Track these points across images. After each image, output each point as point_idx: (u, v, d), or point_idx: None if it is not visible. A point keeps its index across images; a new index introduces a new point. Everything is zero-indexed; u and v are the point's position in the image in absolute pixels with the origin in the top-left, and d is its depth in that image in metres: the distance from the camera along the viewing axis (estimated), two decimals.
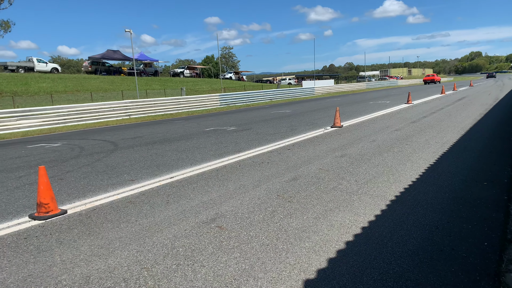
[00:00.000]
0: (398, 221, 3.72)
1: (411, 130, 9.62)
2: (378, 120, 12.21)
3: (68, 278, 2.92)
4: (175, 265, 3.03)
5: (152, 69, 52.22)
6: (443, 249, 3.10)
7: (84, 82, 37.39)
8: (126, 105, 20.22)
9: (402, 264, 2.88)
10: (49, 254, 3.37)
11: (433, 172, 5.45)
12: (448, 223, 3.62)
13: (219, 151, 8.10)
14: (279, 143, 8.63)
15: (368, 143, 8.02)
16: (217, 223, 3.91)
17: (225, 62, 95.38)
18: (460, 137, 8.24)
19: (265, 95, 30.75)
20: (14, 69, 39.73)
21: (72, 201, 4.97)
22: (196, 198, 4.78)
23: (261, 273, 2.84)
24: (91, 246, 3.50)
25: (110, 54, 47.11)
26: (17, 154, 9.33)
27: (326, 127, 11.08)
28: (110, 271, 2.99)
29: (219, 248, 3.31)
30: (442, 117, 12.15)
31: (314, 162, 6.47)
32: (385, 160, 6.37)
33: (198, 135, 10.99)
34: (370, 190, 4.77)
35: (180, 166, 6.74)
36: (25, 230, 3.99)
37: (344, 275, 2.75)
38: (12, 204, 4.96)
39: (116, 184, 5.68)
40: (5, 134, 14.60)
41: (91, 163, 7.54)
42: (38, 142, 11.74)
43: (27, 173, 6.88)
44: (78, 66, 78.68)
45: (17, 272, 3.06)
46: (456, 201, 4.23)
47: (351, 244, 3.25)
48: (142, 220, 4.09)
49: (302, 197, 4.61)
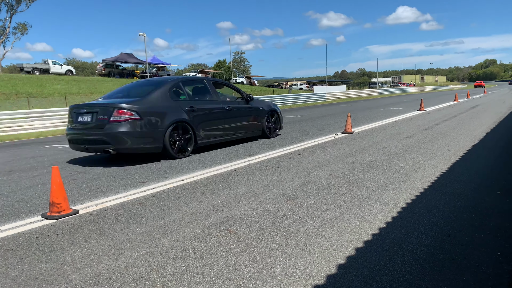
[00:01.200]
0: (409, 228, 3.68)
1: (423, 137, 9.53)
2: (390, 127, 12.13)
3: (78, 277, 2.95)
4: (184, 267, 3.04)
5: (165, 72, 52.70)
6: (455, 257, 3.06)
7: (97, 85, 37.88)
8: None
9: (413, 272, 2.85)
10: (61, 253, 3.41)
11: (445, 180, 5.39)
12: (460, 232, 3.57)
13: (230, 154, 8.12)
14: (290, 148, 8.62)
15: (379, 150, 7.97)
16: (226, 226, 3.92)
17: (237, 67, 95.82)
18: (473, 145, 8.14)
19: (276, 100, 30.78)
20: (30, 71, 40.47)
21: (84, 201, 5.02)
22: (206, 201, 4.80)
23: (270, 278, 2.84)
24: (101, 246, 3.54)
25: (124, 57, 47.74)
26: (31, 154, 9.47)
27: (337, 132, 11.04)
28: (120, 272, 3.01)
29: (228, 251, 3.31)
30: (455, 124, 12.02)
31: (324, 168, 6.44)
32: (397, 167, 6.32)
33: None
34: (381, 196, 4.74)
35: (191, 168, 6.77)
36: (37, 229, 4.05)
37: (354, 282, 2.73)
38: (25, 203, 5.03)
39: (127, 185, 5.74)
40: (20, 135, 14.85)
41: (103, 164, 7.61)
42: (52, 143, 11.91)
43: (40, 173, 6.98)
44: (92, 68, 79.83)
45: (29, 270, 3.10)
46: (469, 209, 4.18)
47: (361, 251, 3.23)
48: (152, 222, 4.12)
49: (312, 202, 4.59)
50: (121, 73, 47.44)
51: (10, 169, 7.56)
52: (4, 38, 49.60)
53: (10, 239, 3.79)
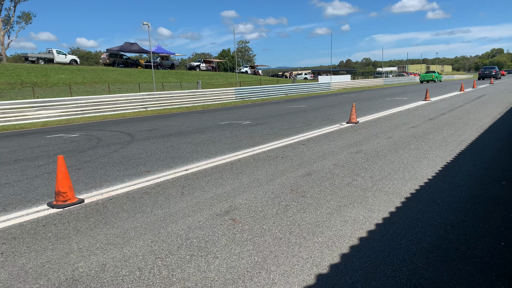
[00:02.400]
0: (413, 218, 3.69)
1: (428, 127, 9.48)
2: (395, 117, 12.07)
3: (84, 265, 2.99)
4: (189, 256, 3.07)
5: (169, 62, 52.61)
6: (459, 248, 3.06)
7: (102, 74, 37.88)
8: (142, 97, 20.43)
9: (416, 261, 2.86)
10: (67, 242, 3.45)
11: (450, 170, 5.37)
12: (464, 222, 3.57)
13: (234, 144, 8.13)
14: (294, 138, 8.61)
15: (384, 140, 7.94)
16: (230, 215, 3.94)
17: (241, 56, 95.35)
18: (478, 135, 8.09)
19: (281, 90, 30.66)
20: (35, 60, 40.49)
21: (89, 190, 5.06)
22: (210, 191, 4.82)
23: (273, 266, 2.86)
24: (107, 235, 3.57)
25: (128, 47, 47.61)
26: (37, 144, 9.53)
27: (342, 122, 11.01)
28: (125, 260, 3.04)
29: (232, 240, 3.33)
30: (460, 114, 11.94)
31: (328, 158, 6.44)
32: (401, 157, 6.30)
33: (213, 129, 11.05)
34: (385, 187, 4.74)
35: (195, 158, 6.79)
36: (43, 218, 4.09)
37: (357, 271, 2.75)
38: (31, 192, 5.08)
39: (132, 175, 5.77)
40: (25, 124, 14.92)
41: (108, 154, 7.66)
42: (56, 132, 11.97)
43: (46, 162, 7.03)
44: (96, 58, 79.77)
45: (36, 258, 3.15)
46: (473, 200, 4.17)
47: (364, 240, 3.24)
48: (157, 211, 4.15)
49: (316, 192, 4.60)
50: (125, 62, 47.36)
51: (16, 158, 7.61)
52: (8, 28, 49.58)
53: (17, 228, 3.84)
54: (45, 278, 2.82)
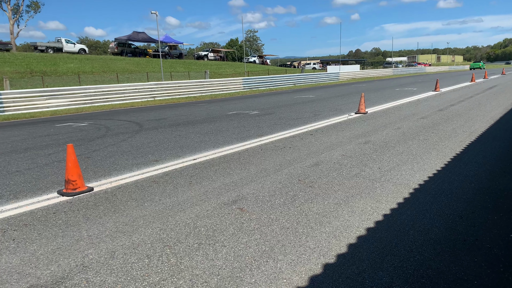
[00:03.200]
0: (421, 209, 3.67)
1: (438, 118, 9.39)
2: (404, 107, 11.96)
3: (94, 252, 3.03)
4: (197, 244, 3.10)
5: (177, 51, 52.50)
6: (467, 239, 3.05)
7: (110, 63, 37.97)
8: (151, 87, 20.47)
9: (424, 252, 2.85)
10: (77, 229, 3.50)
11: (459, 162, 5.33)
12: (472, 214, 3.55)
13: (242, 134, 8.13)
14: (302, 128, 8.59)
15: (393, 131, 7.89)
16: (238, 205, 3.96)
17: (249, 46, 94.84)
18: (489, 126, 8.00)
19: (289, 80, 30.51)
20: (44, 50, 40.69)
21: (98, 179, 5.11)
22: (218, 180, 4.84)
23: (280, 255, 2.88)
24: (116, 222, 3.61)
25: (136, 36, 47.55)
26: (46, 133, 9.62)
27: (350, 113, 10.94)
28: (134, 248, 3.08)
29: (239, 229, 3.35)
30: (471, 105, 11.79)
31: (336, 148, 6.42)
32: (410, 148, 6.26)
33: (221, 118, 11.05)
34: (393, 177, 4.72)
35: (203, 148, 6.82)
36: (54, 205, 4.15)
37: (364, 261, 2.75)
38: (42, 180, 5.15)
39: (140, 164, 5.81)
40: (35, 113, 15.05)
41: (117, 142, 7.71)
42: (66, 121, 12.07)
43: (55, 151, 7.10)
44: (104, 47, 79.90)
45: (47, 245, 3.20)
46: (482, 191, 4.14)
47: (372, 231, 3.24)
48: (165, 200, 4.19)
49: (323, 183, 4.60)
50: (133, 51, 47.40)
51: (26, 146, 7.70)
52: (17, 17, 49.79)
53: (28, 215, 3.90)
54: (56, 264, 2.86)
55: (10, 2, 48.42)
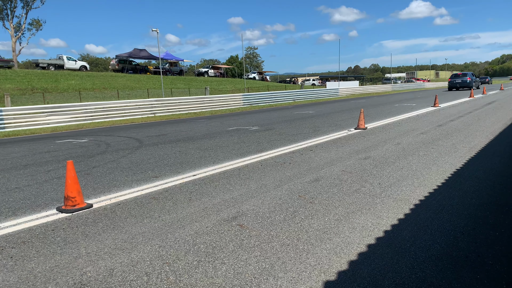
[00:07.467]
0: (421, 225, 3.65)
1: (437, 133, 9.41)
2: (404, 123, 12.00)
3: (92, 270, 3.00)
4: (196, 261, 3.07)
5: (177, 68, 52.91)
6: (468, 255, 3.02)
7: (111, 80, 38.21)
8: (151, 103, 20.57)
9: (425, 269, 2.82)
10: (75, 246, 3.47)
11: (459, 177, 5.32)
12: (474, 230, 3.53)
13: (241, 150, 8.14)
14: (302, 144, 8.60)
15: (392, 146, 7.89)
16: (238, 221, 3.94)
17: (249, 62, 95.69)
18: (488, 141, 8.01)
19: (288, 96, 30.67)
20: (45, 67, 41.02)
21: (98, 195, 5.09)
22: (218, 196, 4.82)
23: (281, 273, 2.85)
24: (115, 240, 3.59)
25: (137, 53, 48.02)
26: (47, 149, 9.63)
27: (350, 128, 10.97)
28: (133, 265, 3.05)
29: (239, 246, 3.33)
30: (470, 121, 11.83)
31: (336, 164, 6.42)
32: (410, 163, 6.26)
33: (221, 134, 11.07)
34: (393, 193, 4.71)
35: (203, 164, 6.81)
36: (52, 222, 4.12)
37: (365, 278, 2.72)
38: (41, 197, 5.13)
39: (140, 180, 5.79)
40: (36, 129, 15.09)
41: (117, 159, 7.71)
42: (66, 138, 12.09)
43: (55, 167, 7.09)
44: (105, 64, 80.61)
45: (45, 262, 3.17)
46: (483, 207, 4.12)
47: (373, 247, 3.22)
48: (165, 216, 4.16)
49: (324, 199, 4.58)
50: (134, 68, 47.75)
51: (26, 163, 7.70)
52: (20, 34, 50.33)
53: (27, 232, 3.87)
54: (54, 282, 2.83)
55: (12, 20, 49.06)
